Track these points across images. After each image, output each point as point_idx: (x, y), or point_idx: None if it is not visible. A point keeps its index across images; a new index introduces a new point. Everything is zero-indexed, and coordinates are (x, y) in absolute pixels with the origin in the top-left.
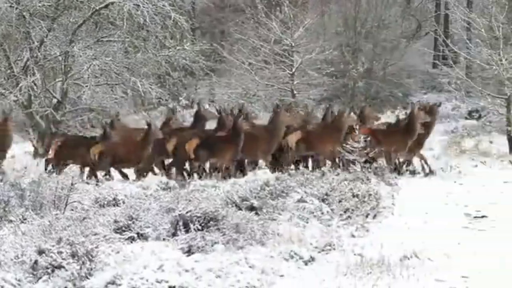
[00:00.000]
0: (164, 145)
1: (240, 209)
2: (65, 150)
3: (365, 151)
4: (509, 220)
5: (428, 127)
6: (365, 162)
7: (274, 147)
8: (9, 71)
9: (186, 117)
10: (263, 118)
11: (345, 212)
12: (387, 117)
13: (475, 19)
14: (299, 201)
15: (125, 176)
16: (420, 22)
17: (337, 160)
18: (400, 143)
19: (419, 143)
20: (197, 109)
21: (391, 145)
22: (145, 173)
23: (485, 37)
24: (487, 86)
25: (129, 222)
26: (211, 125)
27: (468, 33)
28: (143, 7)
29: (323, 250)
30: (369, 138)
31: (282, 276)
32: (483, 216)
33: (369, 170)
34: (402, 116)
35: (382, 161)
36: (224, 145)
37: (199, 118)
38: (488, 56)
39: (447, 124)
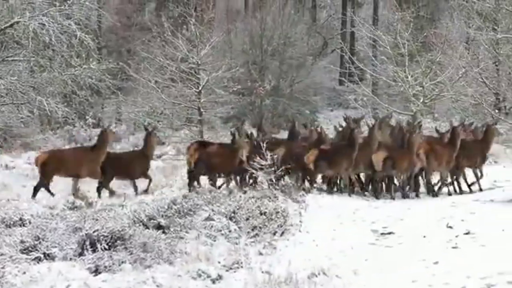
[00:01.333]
0: None
1: (148, 228)
2: None
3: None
4: (415, 237)
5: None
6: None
7: None
8: None
9: (93, 136)
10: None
11: (252, 229)
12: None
13: (380, 36)
14: (206, 219)
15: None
16: (326, 40)
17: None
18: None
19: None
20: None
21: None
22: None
23: (390, 54)
24: (393, 103)
25: (36, 242)
26: None
27: (374, 50)
28: (49, 26)
29: (230, 268)
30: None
31: None
32: (390, 233)
33: (277, 187)
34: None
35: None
36: None
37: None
38: (394, 73)
39: None
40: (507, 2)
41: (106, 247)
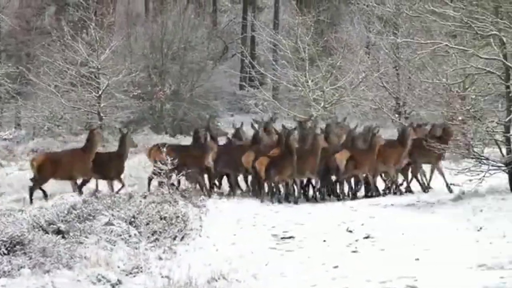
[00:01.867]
0: None
1: (47, 232)
2: None
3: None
4: (316, 241)
5: None
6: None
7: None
8: None
9: None
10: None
11: (152, 234)
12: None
13: (281, 40)
14: (106, 224)
15: None
16: (226, 44)
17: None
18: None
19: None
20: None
21: None
22: None
23: (291, 59)
24: (294, 107)
25: None
26: None
27: (275, 55)
28: None
29: (130, 273)
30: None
31: None
32: (290, 237)
33: (177, 192)
34: None
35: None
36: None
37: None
38: (294, 78)
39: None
40: (407, 6)
41: (5, 252)
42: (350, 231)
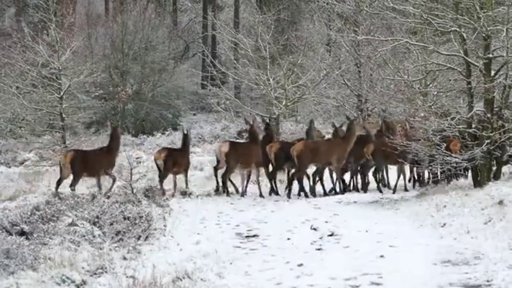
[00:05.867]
0: None
1: (11, 234)
2: None
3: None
4: (280, 239)
5: None
6: None
7: None
8: None
9: None
10: None
11: (116, 234)
12: (158, 138)
13: (242, 39)
14: (70, 224)
15: None
16: (187, 43)
17: None
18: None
19: None
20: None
21: None
22: None
23: (252, 57)
24: (256, 106)
25: None
26: None
27: (236, 54)
28: None
29: (95, 274)
30: None
31: None
32: (254, 235)
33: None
34: None
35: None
36: None
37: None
38: (255, 76)
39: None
40: (367, 3)
41: None
42: (315, 229)
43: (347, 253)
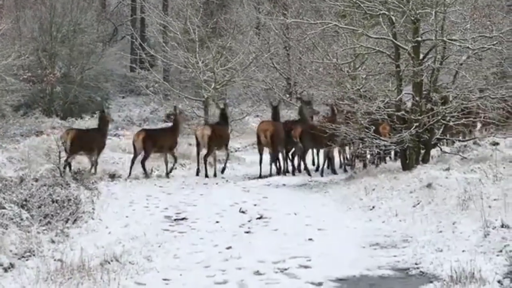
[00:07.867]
0: None
1: None
2: None
3: None
4: (209, 222)
5: None
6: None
7: None
8: None
9: None
10: None
11: (44, 217)
12: (86, 121)
13: (170, 22)
14: None
15: None
16: (116, 26)
17: None
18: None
19: None
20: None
21: None
22: None
23: (181, 40)
24: (185, 89)
25: None
26: None
27: (165, 37)
28: None
29: (23, 257)
30: None
31: None
32: (183, 218)
33: (71, 174)
34: None
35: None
36: None
37: None
38: (184, 59)
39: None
40: None
41: None
42: (243, 212)
43: (276, 236)
